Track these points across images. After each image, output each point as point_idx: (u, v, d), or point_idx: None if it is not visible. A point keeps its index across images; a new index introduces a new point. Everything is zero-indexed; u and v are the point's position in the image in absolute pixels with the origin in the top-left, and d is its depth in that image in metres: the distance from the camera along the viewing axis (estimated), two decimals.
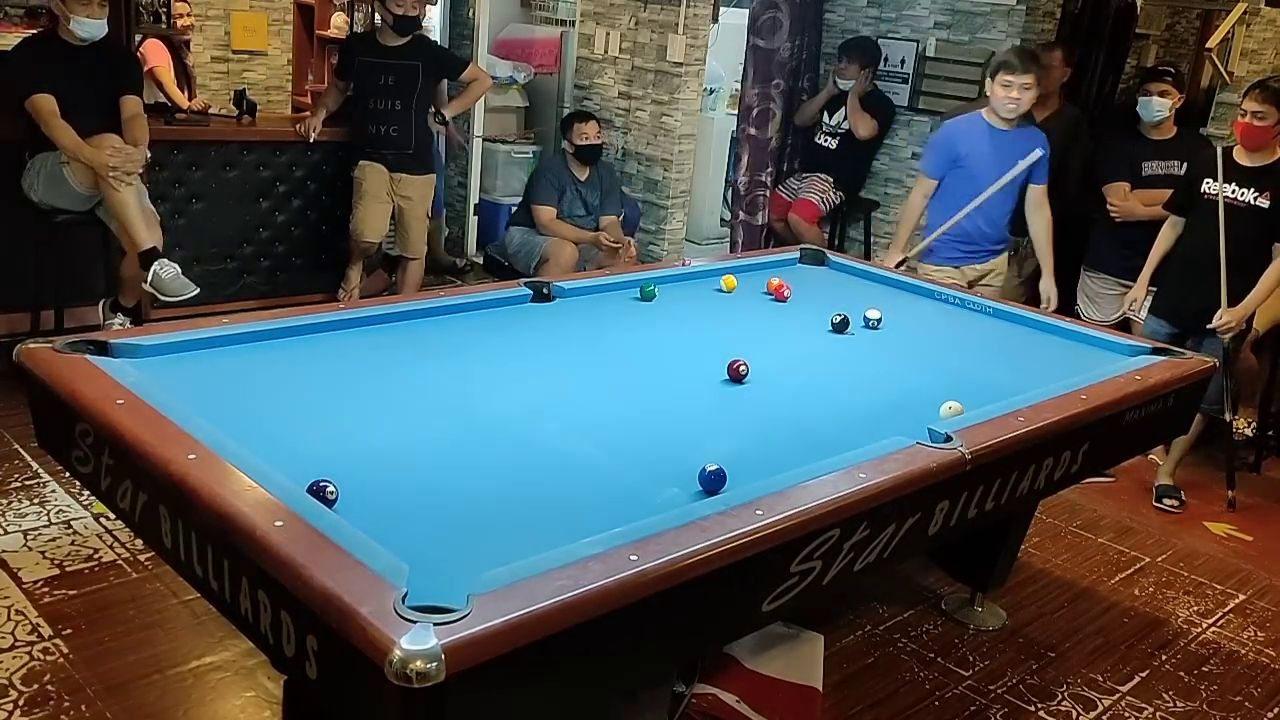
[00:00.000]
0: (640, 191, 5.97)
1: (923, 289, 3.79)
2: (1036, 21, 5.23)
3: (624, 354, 2.91)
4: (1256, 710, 3.02)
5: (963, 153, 4.22)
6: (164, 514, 1.89)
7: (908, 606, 3.32)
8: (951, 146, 4.25)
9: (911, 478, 2.16)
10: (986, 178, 4.18)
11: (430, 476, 2.06)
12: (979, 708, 2.88)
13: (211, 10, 6.70)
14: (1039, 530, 3.82)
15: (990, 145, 4.18)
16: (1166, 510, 4.20)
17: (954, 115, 5.27)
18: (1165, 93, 4.34)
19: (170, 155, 4.95)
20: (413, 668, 1.37)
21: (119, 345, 2.39)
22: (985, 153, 4.18)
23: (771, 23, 5.76)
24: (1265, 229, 3.98)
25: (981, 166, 4.18)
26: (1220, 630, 3.40)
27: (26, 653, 2.70)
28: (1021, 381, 2.79)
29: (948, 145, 4.28)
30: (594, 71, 6.12)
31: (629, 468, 2.19)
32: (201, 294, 5.20)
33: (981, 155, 4.19)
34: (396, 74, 5.14)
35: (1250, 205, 3.98)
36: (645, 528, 1.79)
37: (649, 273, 3.78)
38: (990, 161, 4.18)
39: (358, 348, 2.68)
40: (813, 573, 2.01)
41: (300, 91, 7.09)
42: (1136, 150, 4.43)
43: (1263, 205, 3.96)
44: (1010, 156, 4.17)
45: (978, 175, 4.18)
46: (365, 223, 5.20)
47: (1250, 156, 3.99)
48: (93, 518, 3.34)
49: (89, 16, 4.10)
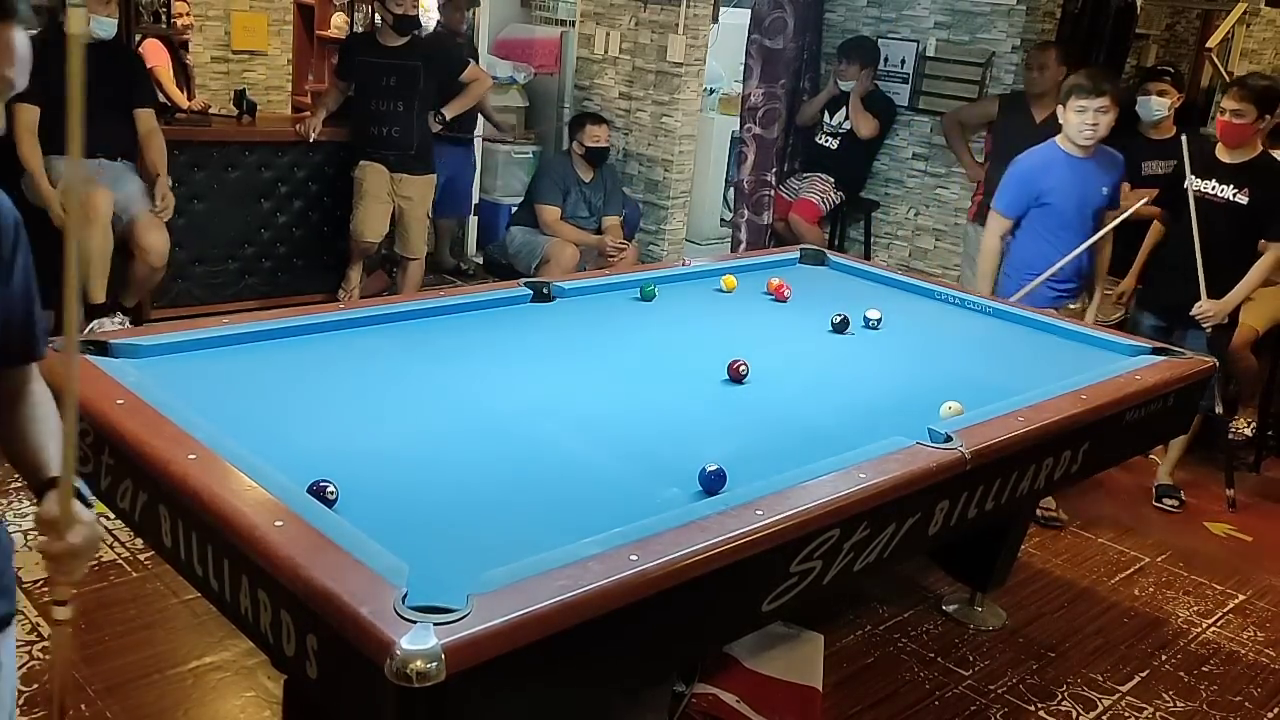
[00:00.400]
0: (640, 192, 5.97)
1: (923, 289, 3.79)
2: (1036, 21, 5.24)
3: (624, 354, 2.91)
4: (1256, 710, 3.02)
5: (1044, 188, 3.96)
6: (164, 514, 1.89)
7: (908, 606, 3.32)
8: (1032, 183, 3.99)
9: (911, 478, 2.16)
10: (1071, 210, 3.94)
11: (430, 476, 2.06)
12: (979, 708, 2.88)
13: (211, 10, 6.69)
14: (1039, 530, 3.83)
15: (1072, 176, 3.93)
16: (1166, 510, 4.20)
17: (957, 114, 5.27)
18: (1164, 92, 4.34)
19: (171, 156, 4.95)
20: (413, 668, 1.37)
21: (119, 345, 2.39)
22: (1068, 184, 3.93)
23: (777, 22, 5.76)
24: (1244, 225, 3.98)
25: (1065, 199, 3.94)
26: (1220, 630, 3.40)
27: (26, 652, 2.70)
28: (1021, 381, 2.79)
29: (1028, 182, 4.00)
30: (594, 72, 6.12)
31: (629, 468, 2.19)
32: (202, 294, 5.22)
33: (1064, 187, 3.93)
34: (398, 74, 5.14)
35: (1229, 202, 3.99)
36: (645, 528, 1.79)
37: (649, 273, 3.78)
38: (1074, 193, 3.93)
39: (358, 348, 2.68)
40: (813, 573, 2.01)
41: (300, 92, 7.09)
42: (1136, 150, 4.42)
43: (1241, 201, 3.97)
44: (1094, 184, 3.94)
45: (1062, 208, 3.94)
46: (365, 223, 5.20)
47: (1231, 153, 4.00)
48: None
49: (94, 14, 4.03)
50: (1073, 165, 3.94)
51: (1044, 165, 3.98)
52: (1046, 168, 3.97)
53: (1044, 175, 3.96)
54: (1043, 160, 4.00)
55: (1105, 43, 5.26)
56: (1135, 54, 6.00)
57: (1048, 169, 3.96)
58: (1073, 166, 3.94)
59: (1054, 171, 3.95)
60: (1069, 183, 3.93)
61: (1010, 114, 4.93)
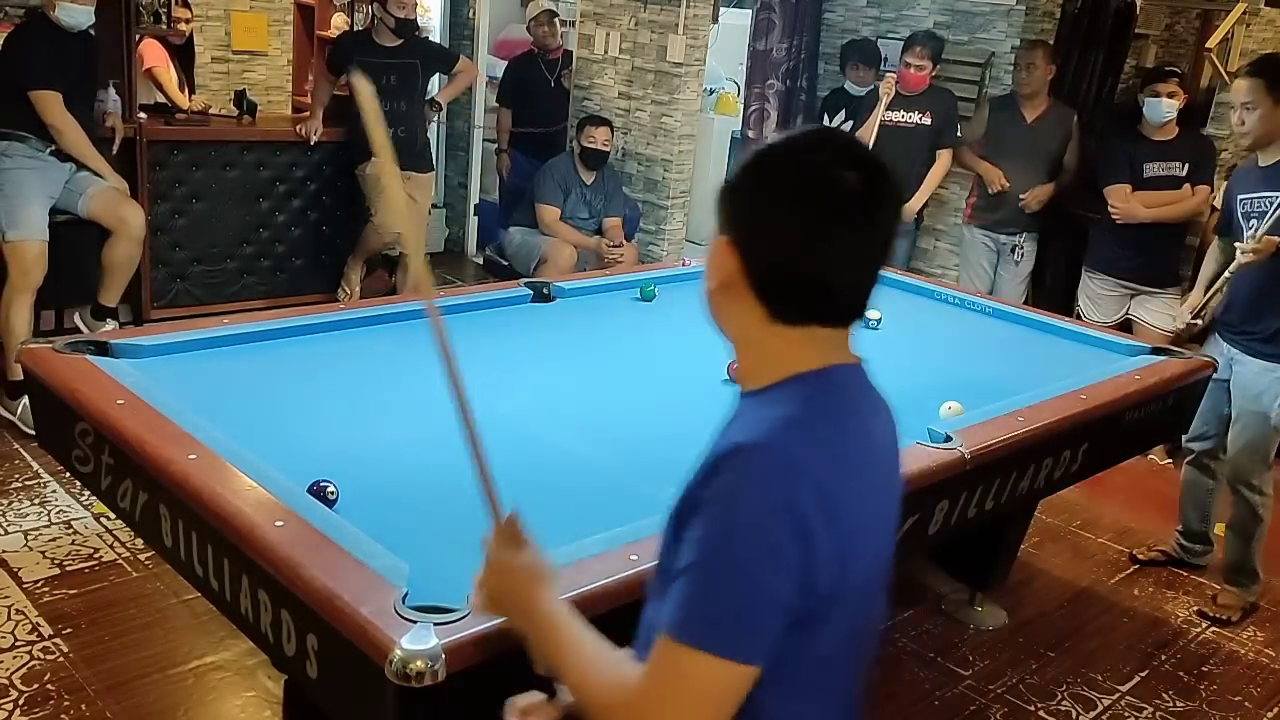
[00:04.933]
0: (640, 191, 5.97)
1: (923, 289, 3.80)
2: (1036, 21, 5.23)
3: (624, 354, 2.91)
4: (1256, 710, 3.02)
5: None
6: (164, 513, 1.89)
7: (908, 606, 3.32)
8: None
9: (911, 477, 2.16)
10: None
11: (430, 477, 2.06)
12: (979, 707, 2.88)
13: (211, 10, 6.69)
14: (1039, 530, 3.82)
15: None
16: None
17: (964, 139, 5.16)
18: (1174, 93, 4.31)
19: (170, 155, 4.95)
20: (413, 667, 1.37)
21: (119, 345, 2.40)
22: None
23: (764, 24, 5.77)
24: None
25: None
26: (1219, 630, 3.40)
27: (26, 652, 2.70)
28: (1021, 381, 2.79)
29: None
30: (594, 71, 6.12)
31: (629, 467, 2.19)
32: (202, 294, 5.21)
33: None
34: (398, 73, 5.15)
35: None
36: (645, 527, 1.79)
37: (649, 273, 3.78)
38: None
39: (358, 348, 2.68)
40: None
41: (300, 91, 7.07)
42: (1138, 151, 4.42)
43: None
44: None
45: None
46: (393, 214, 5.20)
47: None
48: (93, 517, 3.34)
49: (75, 2, 3.98)
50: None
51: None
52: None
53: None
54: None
55: (1105, 43, 5.26)
56: (1135, 54, 6.00)
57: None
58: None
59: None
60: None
61: (1002, 115, 4.93)
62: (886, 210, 1.17)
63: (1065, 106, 4.91)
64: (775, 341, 1.18)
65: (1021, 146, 4.82)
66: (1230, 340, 3.42)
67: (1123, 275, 4.52)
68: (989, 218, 4.94)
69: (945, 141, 5.03)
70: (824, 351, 1.18)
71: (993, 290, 4.82)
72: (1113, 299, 4.57)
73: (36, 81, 3.99)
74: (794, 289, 1.15)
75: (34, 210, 4.03)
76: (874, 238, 1.15)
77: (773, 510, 1.06)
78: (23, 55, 4.05)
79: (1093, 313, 4.58)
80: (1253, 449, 3.36)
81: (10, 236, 3.98)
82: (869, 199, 1.13)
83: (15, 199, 4.00)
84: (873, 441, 1.21)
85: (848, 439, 1.16)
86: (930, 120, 5.00)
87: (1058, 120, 4.84)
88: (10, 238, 3.98)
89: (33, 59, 4.02)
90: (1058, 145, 4.84)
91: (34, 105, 4.00)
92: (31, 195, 4.04)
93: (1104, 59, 5.27)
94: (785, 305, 1.16)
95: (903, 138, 4.99)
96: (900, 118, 4.99)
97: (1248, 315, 3.35)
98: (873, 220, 1.14)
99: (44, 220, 4.08)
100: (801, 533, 1.06)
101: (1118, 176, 4.42)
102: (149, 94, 5.55)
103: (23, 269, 3.99)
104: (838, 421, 1.17)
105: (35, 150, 4.06)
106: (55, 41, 4.03)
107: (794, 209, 1.12)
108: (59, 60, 4.03)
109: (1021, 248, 4.90)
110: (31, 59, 4.03)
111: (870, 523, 1.17)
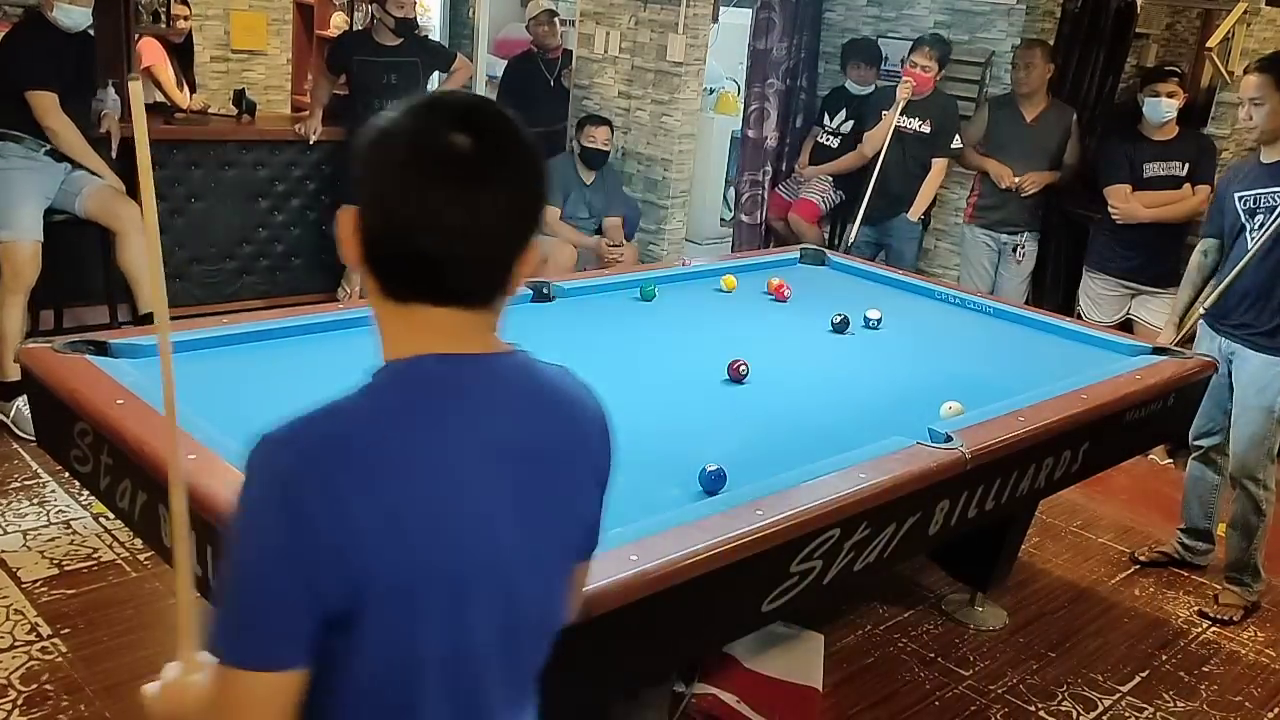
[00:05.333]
0: (640, 191, 5.96)
1: (923, 289, 3.79)
2: (1036, 21, 5.23)
3: (624, 354, 2.90)
4: (1256, 710, 3.01)
5: None
6: (163, 514, 1.89)
7: (908, 606, 3.32)
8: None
9: (911, 478, 2.16)
10: None
11: None
12: (979, 708, 2.88)
13: (211, 9, 6.69)
14: (1039, 530, 3.82)
15: None
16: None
17: (966, 140, 5.16)
18: (1173, 93, 4.31)
19: (169, 155, 4.95)
20: None
21: (118, 345, 2.39)
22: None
23: (764, 23, 5.76)
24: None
25: None
26: (1220, 630, 3.40)
27: (25, 652, 2.69)
28: (1021, 381, 2.78)
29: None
30: (594, 71, 6.11)
31: (628, 467, 2.18)
32: (201, 294, 5.20)
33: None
34: (399, 72, 5.15)
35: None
36: (645, 528, 1.79)
37: (649, 273, 3.78)
38: None
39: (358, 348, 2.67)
40: (813, 573, 2.01)
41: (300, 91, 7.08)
42: (1138, 151, 4.41)
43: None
44: None
45: None
46: None
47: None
48: (92, 518, 3.34)
49: (73, 4, 3.97)
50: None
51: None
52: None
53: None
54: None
55: (1105, 42, 5.25)
56: (1135, 53, 5.99)
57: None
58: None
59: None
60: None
61: (1001, 115, 4.92)
62: (508, 177, 1.05)
63: (1064, 105, 4.90)
64: (387, 321, 1.10)
65: (1021, 146, 4.81)
66: (1228, 334, 3.41)
67: (1123, 275, 4.52)
68: (990, 217, 4.93)
69: (942, 151, 5.03)
70: (434, 337, 1.07)
71: (993, 290, 4.82)
72: (1113, 299, 4.57)
73: (32, 82, 3.98)
74: (395, 262, 1.05)
75: (28, 210, 4.02)
76: (489, 206, 1.03)
77: (269, 505, 1.00)
78: (18, 55, 4.04)
79: (1093, 312, 4.57)
80: (1256, 443, 3.36)
81: (3, 237, 3.97)
82: (482, 164, 1.02)
83: (9, 199, 3.99)
84: (482, 435, 1.08)
85: (415, 435, 1.05)
86: (929, 129, 4.99)
87: (1057, 119, 4.83)
88: (3, 238, 3.97)
89: (28, 59, 4.01)
90: (1057, 144, 4.84)
91: (29, 105, 3.99)
92: (26, 195, 4.03)
93: (1104, 58, 5.26)
94: (390, 280, 1.07)
95: (901, 143, 4.99)
96: (902, 123, 4.99)
97: (1249, 309, 3.35)
98: (486, 187, 1.03)
99: (38, 221, 4.07)
100: (305, 528, 0.98)
101: (1118, 176, 4.42)
102: (148, 93, 5.55)
103: (15, 269, 3.98)
104: (409, 416, 1.06)
105: (30, 150, 4.05)
106: (52, 41, 4.01)
107: (391, 174, 1.03)
108: (55, 60, 4.02)
109: (1022, 247, 4.89)
110: (27, 59, 4.01)
111: (463, 524, 1.05)
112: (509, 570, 1.10)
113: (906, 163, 5.03)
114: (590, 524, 1.23)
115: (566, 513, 1.18)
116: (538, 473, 1.12)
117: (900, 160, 5.00)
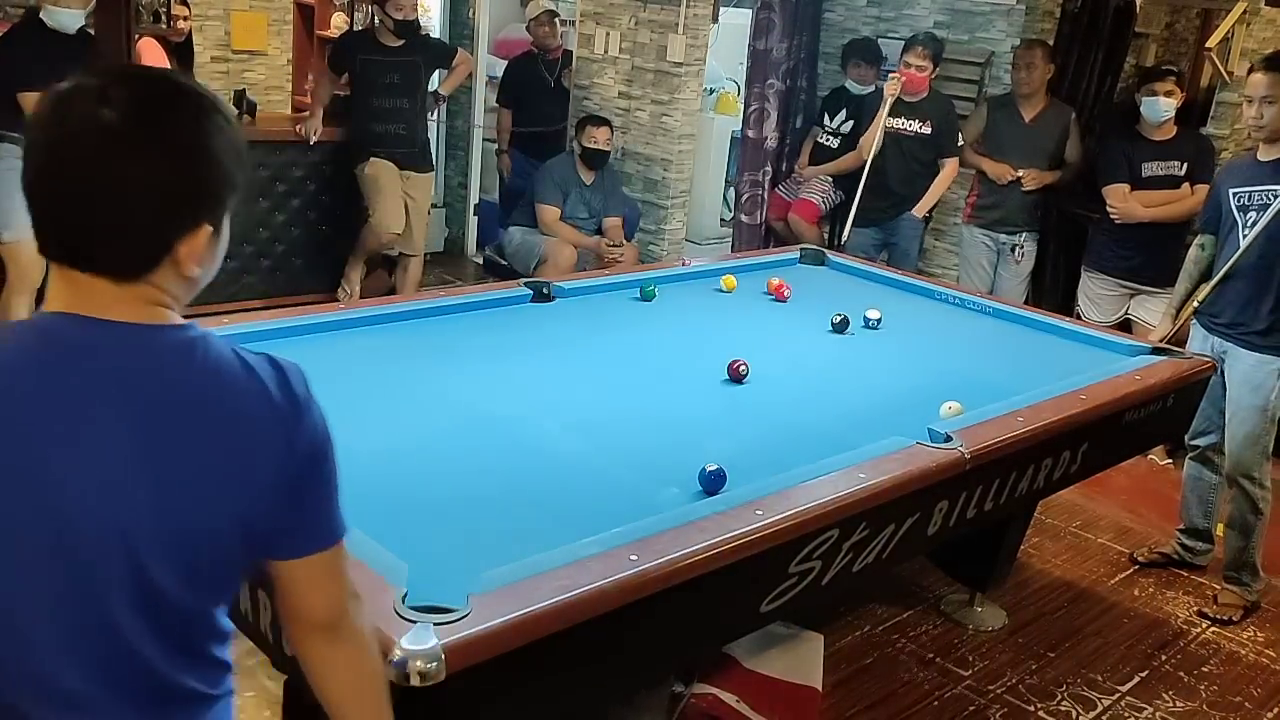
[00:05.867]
0: (640, 191, 5.96)
1: (923, 289, 3.80)
2: (1036, 21, 5.23)
3: (624, 354, 2.91)
4: (1256, 710, 3.01)
5: None
6: None
7: (907, 606, 3.32)
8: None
9: (911, 478, 2.16)
10: None
11: (430, 476, 2.06)
12: (978, 708, 2.88)
13: (211, 9, 6.69)
14: (1039, 530, 3.82)
15: None
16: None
17: (965, 138, 5.17)
18: (1171, 93, 4.31)
19: None
20: (413, 667, 1.37)
21: None
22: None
23: (765, 23, 5.77)
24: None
25: None
26: (1220, 630, 3.40)
27: None
28: (1021, 381, 2.79)
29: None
30: (594, 71, 6.11)
31: (629, 468, 2.19)
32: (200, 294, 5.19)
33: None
34: (400, 72, 5.17)
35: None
36: (645, 528, 1.79)
37: (649, 273, 3.78)
38: None
39: (358, 348, 2.68)
40: (812, 573, 2.01)
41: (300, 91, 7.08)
42: (1136, 151, 4.41)
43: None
44: None
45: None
46: (390, 215, 5.21)
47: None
48: None
49: (63, 6, 3.96)
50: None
51: None
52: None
53: None
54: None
55: (1104, 42, 5.25)
56: (1134, 53, 5.99)
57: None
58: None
59: None
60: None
61: (1000, 114, 4.93)
62: (146, 152, 1.08)
63: (1063, 105, 4.90)
64: (50, 276, 1.14)
65: (1020, 146, 4.81)
66: (1221, 334, 3.42)
67: (1122, 275, 4.52)
68: (988, 217, 4.93)
69: (948, 151, 5.04)
70: (72, 299, 1.10)
71: (993, 290, 4.82)
72: (1112, 299, 4.57)
73: (23, 83, 3.97)
74: (35, 222, 1.12)
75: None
76: (117, 176, 1.06)
77: None
78: (11, 56, 4.04)
79: (1092, 312, 4.57)
80: (1251, 441, 3.37)
81: (6, 237, 3.96)
82: (114, 136, 1.05)
83: (11, 199, 3.98)
84: (83, 396, 1.08)
85: (6, 378, 1.08)
86: (930, 129, 4.99)
87: (1055, 119, 4.83)
88: (6, 238, 3.96)
89: (20, 60, 4.01)
90: (1055, 144, 4.84)
91: (21, 107, 3.99)
92: None
93: (1104, 58, 5.26)
94: (38, 237, 1.13)
95: (903, 145, 4.99)
96: (901, 125, 4.99)
97: (1242, 309, 3.35)
98: (114, 157, 1.05)
99: None
100: None
101: (1116, 176, 4.42)
102: None
103: (21, 270, 3.98)
104: (12, 359, 1.09)
105: None
106: (46, 42, 4.01)
107: (31, 140, 1.09)
108: (48, 61, 4.01)
109: (1021, 247, 4.89)
110: (19, 60, 4.01)
111: (19, 474, 1.06)
112: (73, 525, 1.07)
113: (908, 164, 5.03)
114: (254, 522, 1.17)
115: (187, 496, 1.12)
116: (143, 444, 1.10)
117: (901, 162, 5.01)
